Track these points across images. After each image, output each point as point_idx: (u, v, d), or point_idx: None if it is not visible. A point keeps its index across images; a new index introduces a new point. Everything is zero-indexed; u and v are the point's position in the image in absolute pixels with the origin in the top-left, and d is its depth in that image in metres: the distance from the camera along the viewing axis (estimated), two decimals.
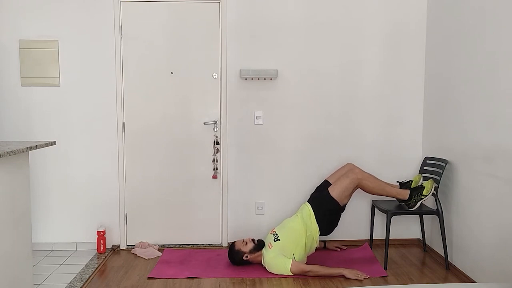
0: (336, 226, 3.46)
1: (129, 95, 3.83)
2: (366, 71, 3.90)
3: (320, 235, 3.37)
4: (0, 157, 2.19)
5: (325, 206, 3.38)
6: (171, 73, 3.84)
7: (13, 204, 2.49)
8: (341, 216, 3.48)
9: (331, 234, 3.49)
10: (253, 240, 3.44)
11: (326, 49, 3.87)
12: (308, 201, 3.49)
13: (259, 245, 3.41)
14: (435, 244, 3.73)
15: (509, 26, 2.73)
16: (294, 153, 3.93)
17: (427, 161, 3.71)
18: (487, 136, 2.96)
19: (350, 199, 3.48)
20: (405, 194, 3.43)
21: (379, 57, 3.89)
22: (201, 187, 3.92)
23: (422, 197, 3.37)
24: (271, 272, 3.28)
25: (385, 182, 3.50)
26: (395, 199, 3.64)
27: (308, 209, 3.40)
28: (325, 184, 3.54)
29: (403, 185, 3.54)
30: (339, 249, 3.80)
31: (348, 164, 3.65)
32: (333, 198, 3.35)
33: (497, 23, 2.86)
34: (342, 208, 3.42)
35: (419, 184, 3.48)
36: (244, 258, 3.38)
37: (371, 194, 3.47)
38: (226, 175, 3.91)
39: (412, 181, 3.55)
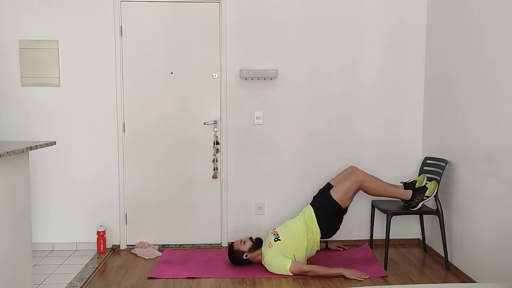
0: (338, 228, 3.45)
1: (129, 95, 3.83)
2: (366, 71, 3.90)
3: (321, 237, 3.37)
4: (0, 157, 2.19)
5: (327, 208, 3.38)
6: (171, 73, 3.84)
7: (13, 204, 2.49)
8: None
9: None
10: (250, 238, 3.46)
11: (327, 49, 3.87)
12: (310, 203, 3.50)
13: (257, 243, 3.43)
14: (435, 244, 3.73)
15: (509, 26, 2.73)
16: (294, 153, 3.93)
17: (427, 161, 3.71)
18: (487, 136, 2.95)
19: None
20: (408, 194, 3.43)
21: (379, 57, 3.89)
22: (201, 187, 3.92)
23: (425, 197, 3.37)
24: (271, 272, 3.28)
25: (386, 183, 3.50)
26: (396, 199, 3.64)
27: (310, 211, 3.39)
28: (328, 186, 3.54)
29: (407, 185, 3.53)
30: (341, 249, 3.80)
31: (350, 166, 3.64)
32: (335, 200, 3.35)
33: (496, 24, 2.86)
34: (344, 211, 3.42)
35: (423, 185, 3.47)
36: (244, 257, 3.38)
37: (373, 195, 3.47)
38: (226, 175, 3.91)
39: (416, 181, 3.54)
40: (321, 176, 3.90)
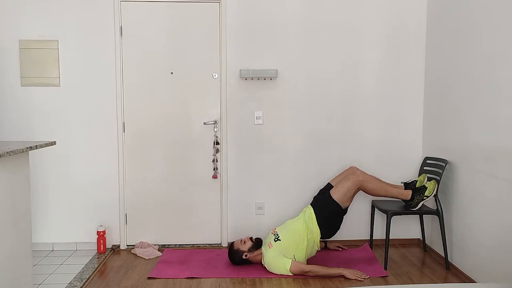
0: (338, 229, 3.45)
1: (129, 95, 3.83)
2: (366, 71, 3.90)
3: (321, 238, 3.37)
4: (0, 157, 2.19)
5: (327, 208, 3.38)
6: (171, 73, 3.84)
7: (13, 204, 2.49)
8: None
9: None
10: (251, 238, 3.46)
11: (327, 49, 3.87)
12: (311, 204, 3.50)
13: (257, 243, 3.43)
14: (435, 244, 3.73)
15: (508, 26, 2.73)
16: (294, 153, 3.93)
17: (427, 161, 3.71)
18: (487, 136, 2.95)
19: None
20: (407, 194, 3.43)
21: (379, 57, 3.89)
22: (201, 187, 3.92)
23: (424, 197, 3.37)
24: (271, 272, 3.28)
25: (387, 183, 3.50)
26: (396, 199, 3.64)
27: (310, 211, 3.39)
28: (328, 186, 3.55)
29: (407, 185, 3.53)
30: (340, 249, 3.80)
31: (350, 167, 3.63)
32: (335, 201, 3.34)
33: (496, 24, 2.86)
34: (344, 211, 3.42)
35: (423, 185, 3.47)
36: (244, 257, 3.38)
37: (373, 195, 3.47)
38: (226, 175, 3.91)
39: (416, 181, 3.54)
40: (321, 176, 3.90)
